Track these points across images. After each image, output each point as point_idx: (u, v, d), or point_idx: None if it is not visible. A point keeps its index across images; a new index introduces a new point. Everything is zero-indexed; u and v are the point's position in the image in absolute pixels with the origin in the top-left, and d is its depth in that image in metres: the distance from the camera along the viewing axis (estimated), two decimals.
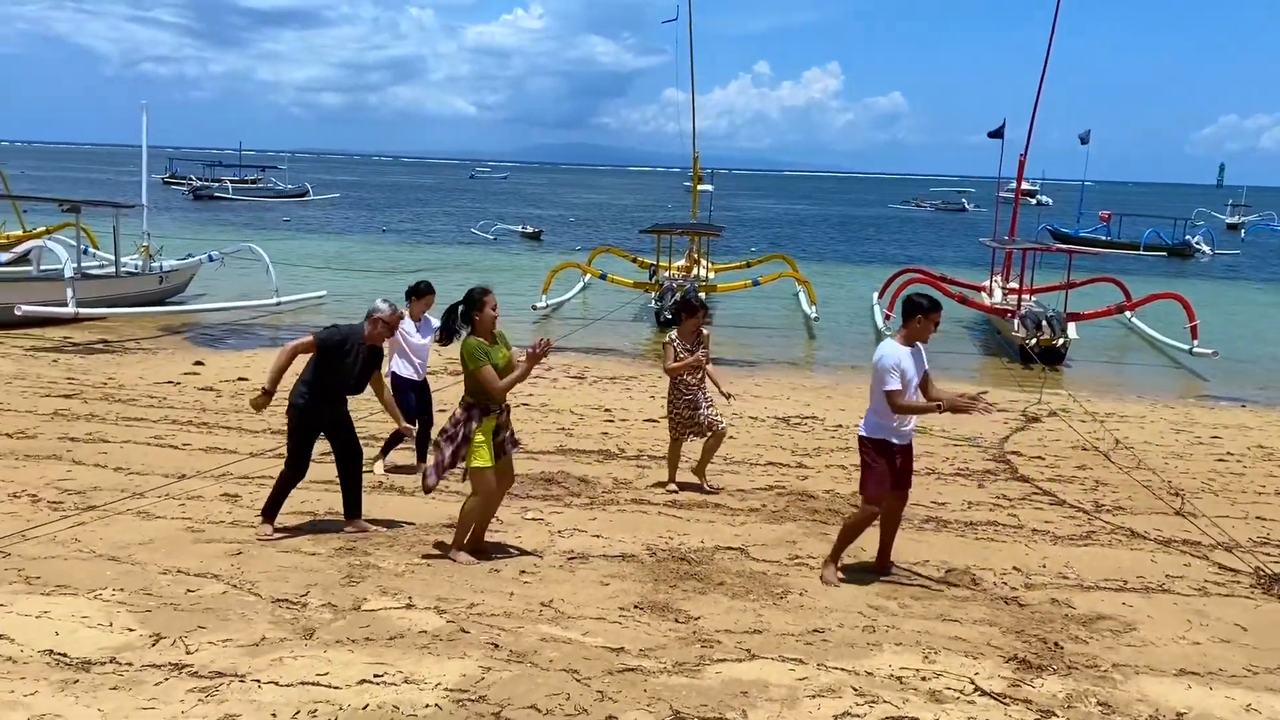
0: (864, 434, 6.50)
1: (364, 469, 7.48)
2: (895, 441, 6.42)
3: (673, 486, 8.85)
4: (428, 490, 6.75)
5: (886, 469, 6.38)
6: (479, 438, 6.51)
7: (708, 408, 8.69)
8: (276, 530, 7.14)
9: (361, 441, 7.45)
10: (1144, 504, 9.08)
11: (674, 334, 8.76)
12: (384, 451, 9.16)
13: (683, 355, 8.63)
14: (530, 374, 6.78)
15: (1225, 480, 10.21)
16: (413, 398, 8.96)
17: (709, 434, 8.70)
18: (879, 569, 6.80)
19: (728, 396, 8.98)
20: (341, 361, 6.97)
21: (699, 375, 8.69)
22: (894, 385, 6.19)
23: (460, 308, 6.63)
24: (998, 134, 24.91)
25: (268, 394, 6.82)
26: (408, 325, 8.79)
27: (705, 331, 8.84)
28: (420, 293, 8.98)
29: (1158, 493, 9.45)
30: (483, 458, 6.55)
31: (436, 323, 8.93)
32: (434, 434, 8.90)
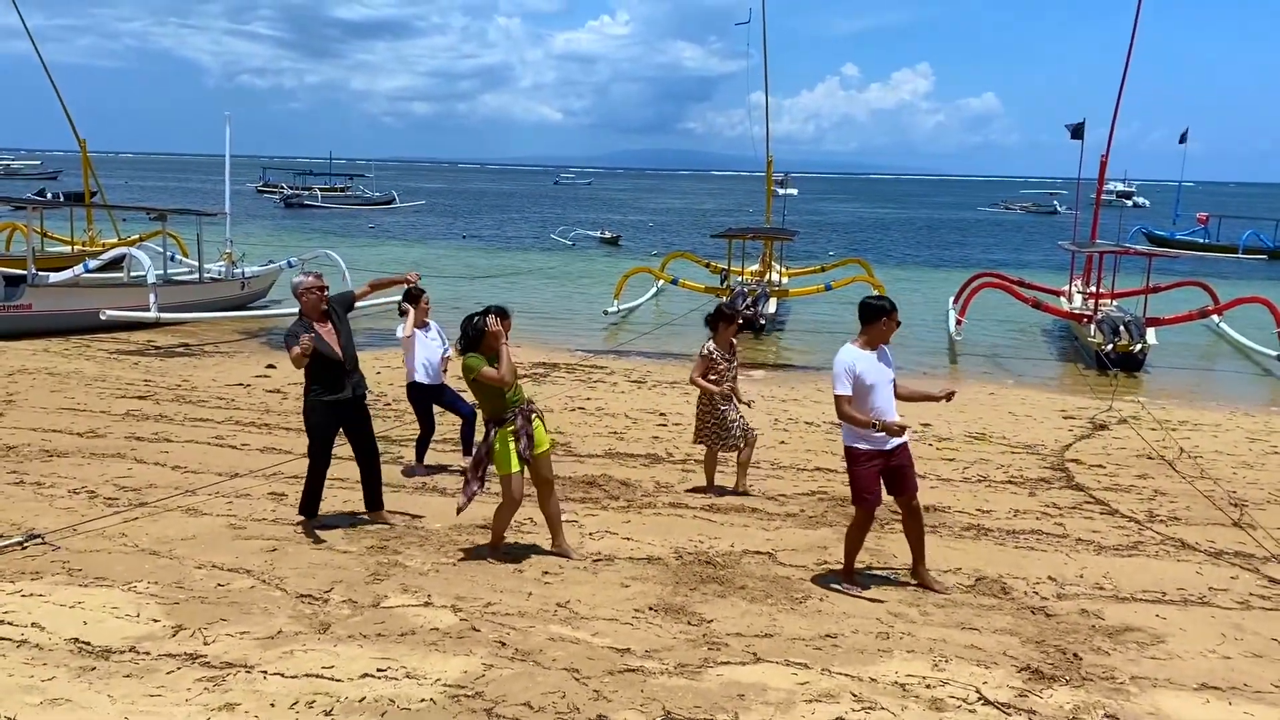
0: (845, 442, 6.41)
1: (383, 466, 7.71)
2: (869, 448, 6.26)
3: (710, 494, 8.85)
4: (459, 510, 6.95)
5: (870, 475, 6.28)
6: (498, 446, 6.62)
7: (739, 417, 8.67)
8: (317, 528, 7.36)
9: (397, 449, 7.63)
10: (1201, 514, 8.77)
11: (711, 344, 8.70)
12: (418, 457, 9.37)
13: (720, 365, 8.59)
14: (505, 340, 6.63)
15: None
16: (430, 404, 9.22)
17: (742, 445, 8.70)
18: (918, 579, 6.69)
19: (748, 404, 8.98)
20: (315, 349, 7.03)
21: (727, 386, 8.66)
22: (842, 390, 6.12)
23: (474, 318, 6.68)
24: (1077, 134, 24.25)
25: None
26: (416, 331, 9.06)
27: (735, 341, 8.81)
28: (413, 298, 9.20)
29: (1218, 503, 9.12)
30: (508, 464, 6.66)
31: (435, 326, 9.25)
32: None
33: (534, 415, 6.82)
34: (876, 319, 6.26)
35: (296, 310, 7.37)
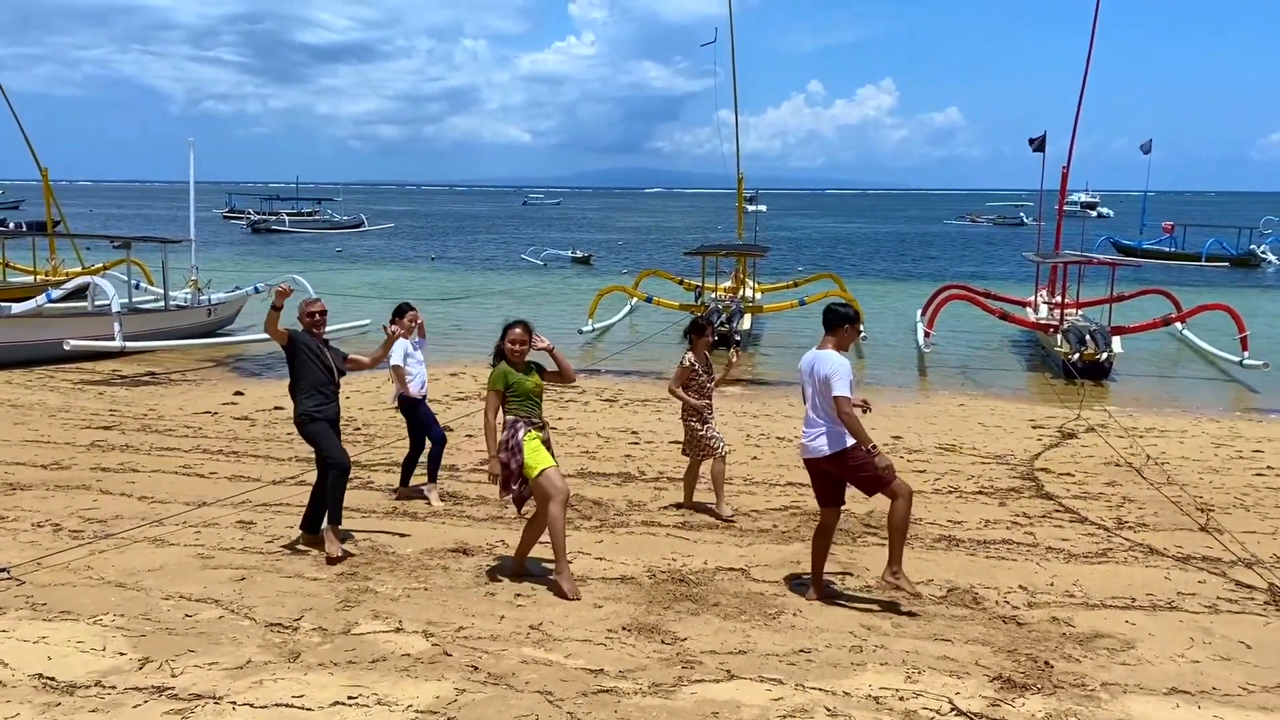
0: (841, 448, 6.32)
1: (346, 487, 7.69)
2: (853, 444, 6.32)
3: (687, 509, 8.86)
4: (515, 504, 6.84)
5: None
6: (530, 445, 6.60)
7: (713, 428, 8.72)
8: (285, 555, 7.30)
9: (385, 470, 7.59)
10: (1169, 520, 8.86)
11: (690, 356, 8.75)
12: (403, 480, 9.32)
13: (701, 377, 8.66)
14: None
15: (1260, 495, 9.91)
16: (412, 413, 9.22)
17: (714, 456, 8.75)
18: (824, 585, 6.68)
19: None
20: (304, 360, 7.42)
21: (709, 396, 8.72)
22: (849, 392, 6.15)
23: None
24: (1039, 146, 24.55)
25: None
26: (404, 343, 9.07)
27: (709, 354, 8.86)
28: (400, 313, 9.20)
29: (1185, 509, 9.21)
30: (542, 460, 6.63)
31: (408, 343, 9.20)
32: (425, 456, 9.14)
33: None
34: (842, 324, 6.37)
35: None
